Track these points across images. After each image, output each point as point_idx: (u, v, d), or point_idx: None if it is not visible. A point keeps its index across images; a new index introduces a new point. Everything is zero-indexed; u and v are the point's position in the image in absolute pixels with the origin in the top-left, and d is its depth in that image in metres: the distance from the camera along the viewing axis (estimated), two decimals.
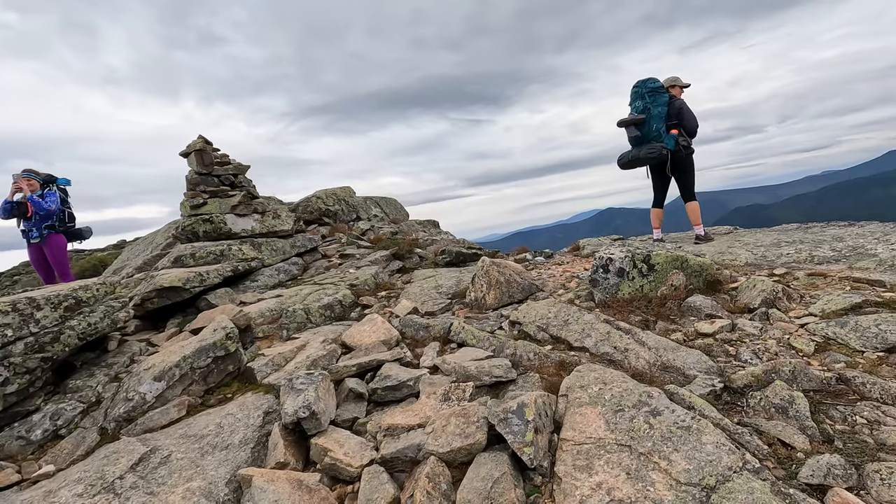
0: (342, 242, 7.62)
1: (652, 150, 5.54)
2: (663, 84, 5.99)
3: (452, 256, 6.75)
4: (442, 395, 2.46)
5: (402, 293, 5.39)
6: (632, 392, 2.18)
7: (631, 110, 5.80)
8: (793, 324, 2.87)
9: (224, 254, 5.28)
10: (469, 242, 8.01)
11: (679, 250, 3.96)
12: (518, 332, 3.50)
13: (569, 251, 8.25)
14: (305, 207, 8.57)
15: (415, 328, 3.93)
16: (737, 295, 3.52)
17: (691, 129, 5.75)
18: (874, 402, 1.98)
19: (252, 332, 3.98)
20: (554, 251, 8.08)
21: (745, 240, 5.24)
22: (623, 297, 3.57)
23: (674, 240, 6.62)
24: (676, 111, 5.70)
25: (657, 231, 6.31)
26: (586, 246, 7.56)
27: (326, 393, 2.79)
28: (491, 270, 4.39)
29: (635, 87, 5.77)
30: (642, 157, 5.62)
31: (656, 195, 6.16)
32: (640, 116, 5.59)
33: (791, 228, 5.48)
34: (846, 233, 4.65)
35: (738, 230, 6.44)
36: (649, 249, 3.69)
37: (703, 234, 5.88)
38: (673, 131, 5.72)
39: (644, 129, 5.63)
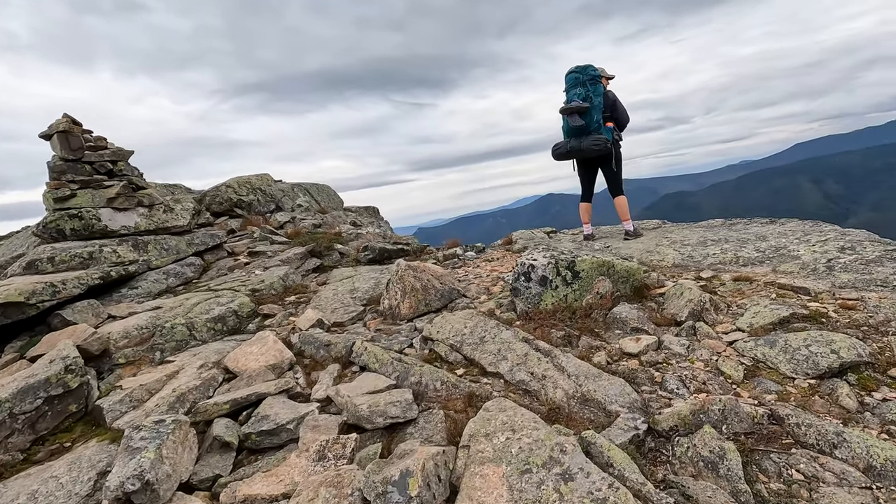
0: (254, 237, 6.86)
1: (597, 142, 5.25)
2: None
3: (376, 253, 6.22)
4: (317, 451, 1.98)
5: (313, 298, 4.81)
6: (543, 444, 1.80)
7: (569, 97, 5.48)
8: (721, 341, 2.63)
9: (94, 256, 4.43)
10: (397, 237, 7.50)
11: (606, 254, 3.67)
12: (429, 352, 3.07)
13: (501, 244, 7.95)
14: (214, 198, 7.64)
15: (315, 346, 3.40)
16: (664, 303, 3.28)
17: (624, 123, 5.53)
18: (810, 449, 1.72)
19: (111, 357, 3.28)
20: (486, 245, 7.75)
21: (673, 237, 5.11)
22: (546, 307, 3.22)
23: (605, 234, 6.46)
24: (611, 103, 5.44)
25: (587, 226, 6.10)
26: (518, 240, 7.29)
27: (179, 446, 2.22)
28: (406, 276, 3.91)
29: (574, 73, 5.44)
30: (585, 148, 5.32)
31: (585, 189, 5.92)
32: (586, 105, 5.27)
33: (717, 225, 5.43)
34: (768, 231, 4.60)
35: (665, 224, 6.38)
36: (574, 254, 3.36)
37: (632, 229, 5.73)
38: (609, 124, 5.46)
39: (586, 118, 5.32)
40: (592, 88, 5.28)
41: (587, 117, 5.29)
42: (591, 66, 5.37)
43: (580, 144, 5.33)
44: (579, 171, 5.88)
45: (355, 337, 3.36)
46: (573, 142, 5.42)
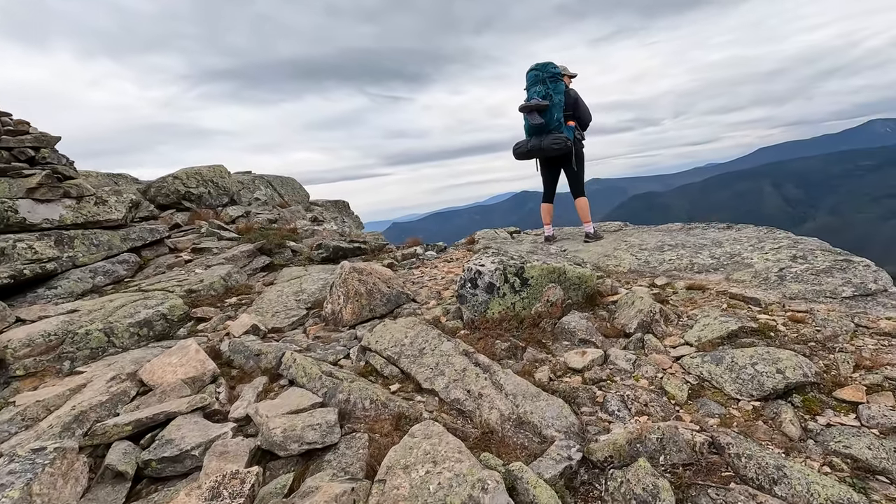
0: (201, 233, 6.47)
1: (557, 141, 5.11)
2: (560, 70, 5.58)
3: (329, 252, 5.94)
4: (210, 488, 1.74)
5: (256, 300, 4.51)
6: (464, 480, 1.61)
7: (529, 95, 5.32)
8: (668, 356, 2.51)
9: (6, 252, 4.01)
10: (356, 234, 7.23)
11: (558, 260, 3.52)
12: (365, 365, 2.84)
13: (464, 244, 7.78)
14: (159, 190, 7.17)
15: (245, 355, 3.13)
16: (616, 311, 3.15)
17: (585, 122, 5.41)
18: (749, 484, 1.58)
19: (7, 368, 2.93)
20: (449, 244, 7.56)
21: (632, 240, 5.03)
22: (493, 316, 3.05)
23: (566, 235, 6.36)
24: (573, 101, 5.31)
25: (548, 227, 5.98)
26: (480, 239, 7.13)
27: (60, 479, 1.94)
28: (350, 279, 3.67)
29: (534, 71, 5.28)
30: (545, 147, 5.18)
31: (546, 189, 5.79)
32: (545, 103, 5.12)
33: (675, 229, 5.38)
34: (724, 237, 4.56)
35: (627, 227, 6.32)
36: (524, 260, 3.19)
37: (592, 231, 5.63)
38: (570, 123, 5.33)
39: (546, 116, 5.18)
40: (553, 86, 5.13)
41: (547, 115, 5.14)
42: (552, 63, 5.22)
43: (540, 143, 5.18)
44: (541, 170, 5.74)
45: (287, 346, 3.11)
46: (533, 140, 5.27)
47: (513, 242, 6.49)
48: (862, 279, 3.05)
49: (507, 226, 8.44)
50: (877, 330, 2.55)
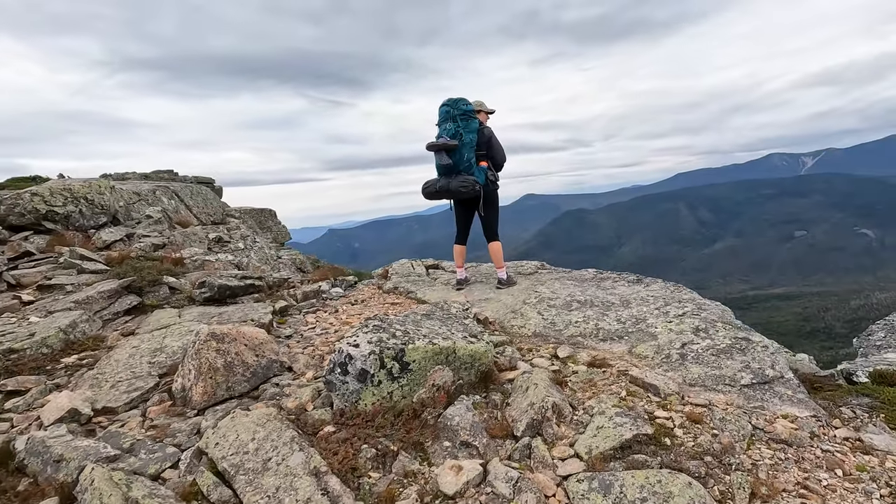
0: (59, 263, 5.47)
1: (465, 183, 4.78)
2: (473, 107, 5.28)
3: (214, 291, 5.20)
4: None
5: (102, 360, 3.73)
6: None
7: (440, 132, 4.96)
8: (554, 473, 2.15)
9: None
10: (252, 270, 6.50)
11: (452, 329, 3.12)
12: (192, 483, 2.25)
13: (378, 277, 7.29)
14: (12, 208, 6.01)
15: (44, 460, 2.42)
16: (510, 395, 2.80)
17: (500, 163, 5.14)
18: None
19: None
20: (359, 280, 7.02)
21: (543, 291, 4.77)
22: (365, 408, 2.57)
23: (481, 276, 6.05)
24: (486, 140, 5.02)
25: (461, 270, 5.63)
26: (393, 275, 6.67)
27: None
28: (204, 351, 3.04)
29: (445, 107, 4.94)
30: (453, 189, 4.83)
31: (460, 231, 5.46)
32: (454, 142, 4.78)
33: (588, 278, 5.22)
34: (633, 294, 4.41)
35: (542, 270, 6.12)
36: (407, 338, 2.75)
37: (505, 277, 5.34)
38: (483, 163, 5.03)
39: (455, 156, 4.83)
40: (464, 124, 4.81)
41: (456, 155, 4.81)
42: (464, 99, 4.91)
43: (449, 185, 4.84)
44: (455, 210, 5.40)
45: (98, 449, 2.43)
46: (442, 181, 4.92)
47: (425, 283, 6.09)
48: (760, 364, 2.91)
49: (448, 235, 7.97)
50: (773, 435, 2.36)
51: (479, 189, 4.81)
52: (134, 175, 20.99)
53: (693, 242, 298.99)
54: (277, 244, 20.13)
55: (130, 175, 20.22)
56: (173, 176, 24.13)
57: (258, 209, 21.17)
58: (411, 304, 5.17)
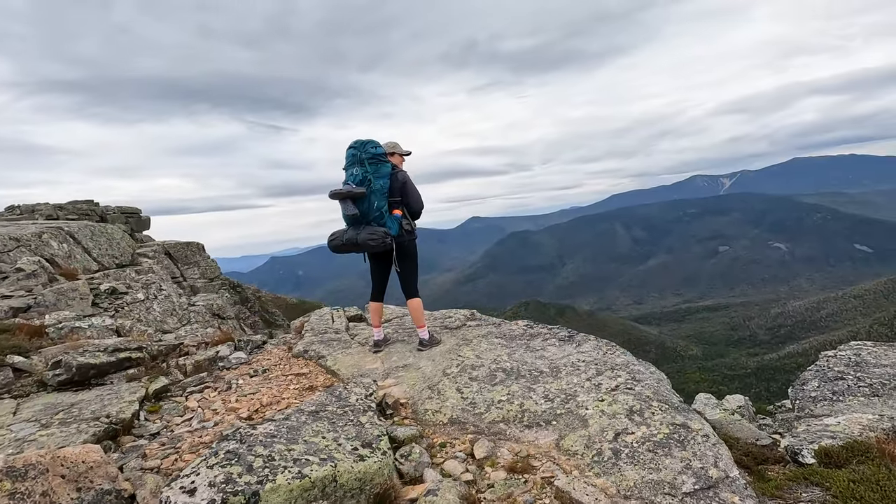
0: None
1: (374, 235, 4.20)
2: (384, 150, 4.76)
3: (73, 372, 4.24)
4: None
5: None
6: None
7: (346, 177, 4.39)
8: None
9: None
10: (130, 339, 5.54)
11: (326, 462, 2.47)
12: None
13: (294, 332, 6.51)
14: None
15: None
16: None
17: (416, 210, 4.62)
18: None
19: None
20: (269, 339, 6.22)
21: (467, 356, 4.24)
22: None
23: (404, 334, 5.44)
24: (401, 186, 4.50)
25: (378, 330, 5.01)
26: (307, 332, 5.92)
27: None
28: None
29: (352, 149, 4.39)
30: (360, 242, 4.24)
31: (375, 286, 4.86)
32: (361, 190, 4.21)
33: (517, 334, 4.75)
34: (563, 357, 3.97)
35: (472, 320, 5.62)
36: (264, 476, 2.08)
37: (427, 338, 4.77)
38: (396, 212, 4.49)
39: (363, 205, 4.26)
40: (373, 168, 4.28)
41: (364, 204, 4.25)
42: (373, 141, 4.39)
43: (356, 237, 4.25)
44: (369, 264, 4.80)
45: None
46: (350, 232, 4.33)
47: (342, 342, 5.40)
48: (702, 461, 2.49)
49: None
50: None
51: (390, 241, 4.26)
52: (46, 206, 18.81)
53: (629, 260, 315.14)
54: (206, 279, 18.56)
55: (42, 206, 18.11)
56: (93, 206, 21.90)
57: (184, 243, 19.49)
58: (319, 376, 4.46)
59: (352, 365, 4.52)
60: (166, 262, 16.19)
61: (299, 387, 4.20)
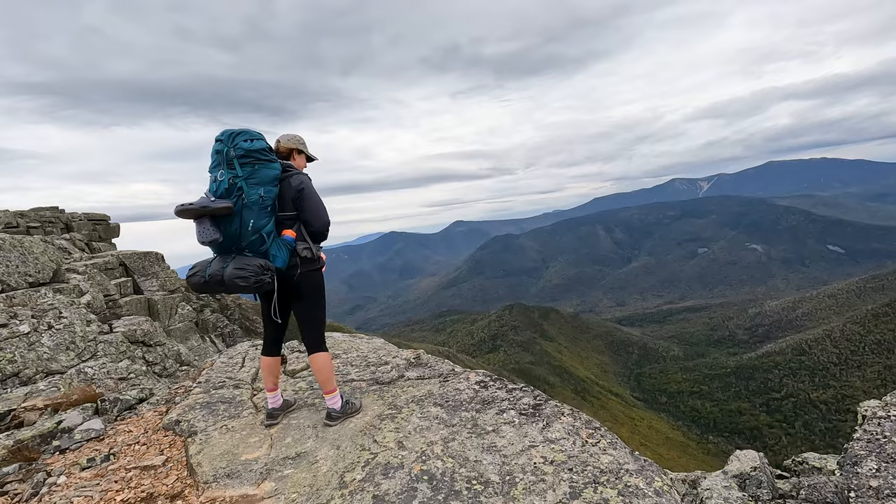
0: None
1: (245, 271, 2.81)
2: (276, 145, 3.39)
3: None
4: None
5: None
6: None
7: (210, 183, 3.02)
8: None
9: None
10: None
11: None
12: None
13: (191, 379, 5.09)
14: None
15: None
16: None
17: (319, 228, 3.25)
18: None
19: None
20: (148, 397, 4.78)
21: (385, 444, 2.90)
22: None
23: (313, 395, 4.06)
24: (296, 195, 3.14)
25: (273, 394, 3.59)
26: (204, 382, 4.50)
27: None
28: None
29: (218, 143, 3.02)
30: (227, 281, 2.84)
31: (269, 333, 3.48)
32: (223, 205, 2.83)
33: (465, 399, 3.42)
34: (522, 454, 2.66)
35: (413, 367, 4.28)
36: None
37: (339, 408, 3.39)
38: (288, 232, 3.13)
39: (231, 225, 2.88)
40: (246, 172, 2.91)
41: (231, 225, 2.89)
42: (248, 132, 3.01)
43: (222, 273, 2.87)
44: (261, 304, 3.43)
45: None
46: (214, 265, 2.93)
47: (234, 404, 4.00)
48: None
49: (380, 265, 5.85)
50: None
51: (269, 279, 2.89)
52: (5, 214, 17.46)
53: (611, 262, 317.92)
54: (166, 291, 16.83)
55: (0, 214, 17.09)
56: (57, 214, 20.17)
57: (141, 253, 17.92)
58: (171, 474, 3.06)
59: (224, 453, 3.13)
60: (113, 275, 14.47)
61: (131, 499, 2.79)
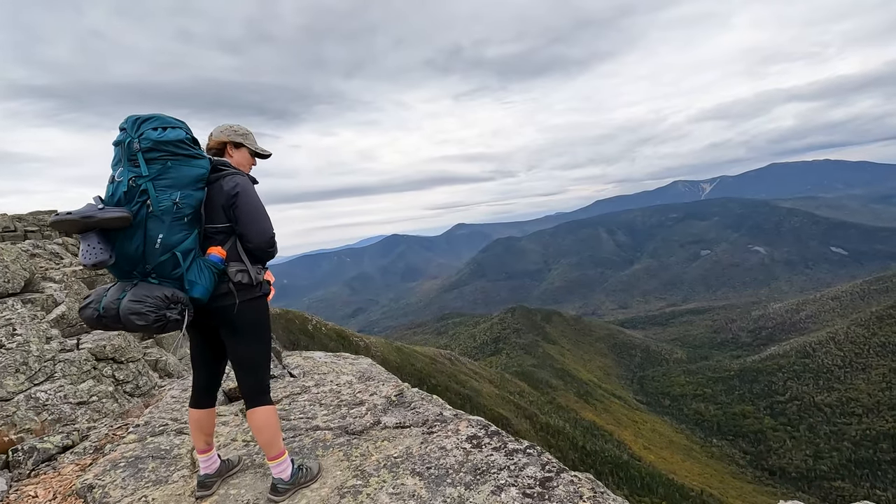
0: None
1: (142, 305, 2.00)
2: (211, 138, 2.61)
3: None
4: None
5: None
6: None
7: (108, 185, 2.24)
8: None
9: None
10: None
11: None
12: None
13: (135, 415, 4.33)
14: None
15: None
16: None
17: (259, 243, 2.43)
18: None
19: None
20: (74, 444, 4.00)
21: None
22: None
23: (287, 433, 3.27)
24: (228, 201, 2.34)
25: (205, 457, 2.75)
26: (139, 426, 3.73)
27: None
28: None
29: (122, 131, 2.24)
30: (123, 314, 2.05)
31: (200, 377, 2.69)
32: (116, 214, 2.04)
33: (452, 462, 2.62)
34: None
35: (395, 408, 3.48)
36: None
37: (287, 478, 2.58)
38: (215, 251, 2.33)
39: (130, 242, 2.08)
40: (156, 169, 2.10)
41: (131, 241, 2.08)
42: (160, 117, 2.20)
43: (118, 305, 2.07)
44: (191, 340, 2.64)
45: None
46: (112, 293, 2.14)
47: (164, 465, 3.19)
48: None
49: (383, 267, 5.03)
50: None
51: (177, 315, 2.10)
52: (3, 218, 17.17)
53: (613, 264, 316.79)
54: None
55: None
56: None
57: None
58: None
59: None
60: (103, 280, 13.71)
61: None
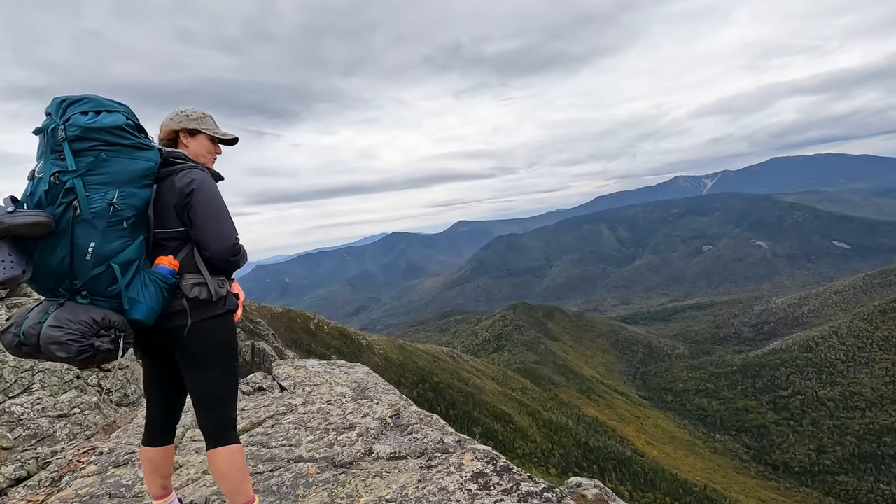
0: None
1: (62, 332, 1.59)
2: (161, 128, 2.17)
3: None
4: None
5: None
6: None
7: (28, 181, 1.82)
8: None
9: None
10: None
11: None
12: None
13: (102, 436, 3.93)
14: None
15: None
16: None
17: (221, 252, 2.01)
18: None
19: None
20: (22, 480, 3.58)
21: None
22: None
23: (264, 462, 2.88)
24: (181, 200, 1.91)
25: (163, 503, 2.39)
26: (103, 454, 3.31)
27: None
28: None
29: (47, 116, 1.81)
30: (42, 346, 1.63)
31: (155, 415, 2.28)
32: (31, 218, 1.62)
33: None
34: None
35: (390, 431, 3.07)
36: None
37: None
38: (164, 261, 1.91)
39: (53, 252, 1.61)
40: (86, 163, 1.66)
41: (55, 252, 1.64)
42: (92, 99, 1.74)
43: (37, 333, 1.65)
44: (144, 367, 2.23)
45: None
46: (34, 315, 1.71)
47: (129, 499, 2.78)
48: None
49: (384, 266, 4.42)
50: None
51: (109, 344, 1.69)
52: None
53: (615, 260, 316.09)
54: None
55: None
56: None
57: None
58: None
59: None
60: None
61: None
